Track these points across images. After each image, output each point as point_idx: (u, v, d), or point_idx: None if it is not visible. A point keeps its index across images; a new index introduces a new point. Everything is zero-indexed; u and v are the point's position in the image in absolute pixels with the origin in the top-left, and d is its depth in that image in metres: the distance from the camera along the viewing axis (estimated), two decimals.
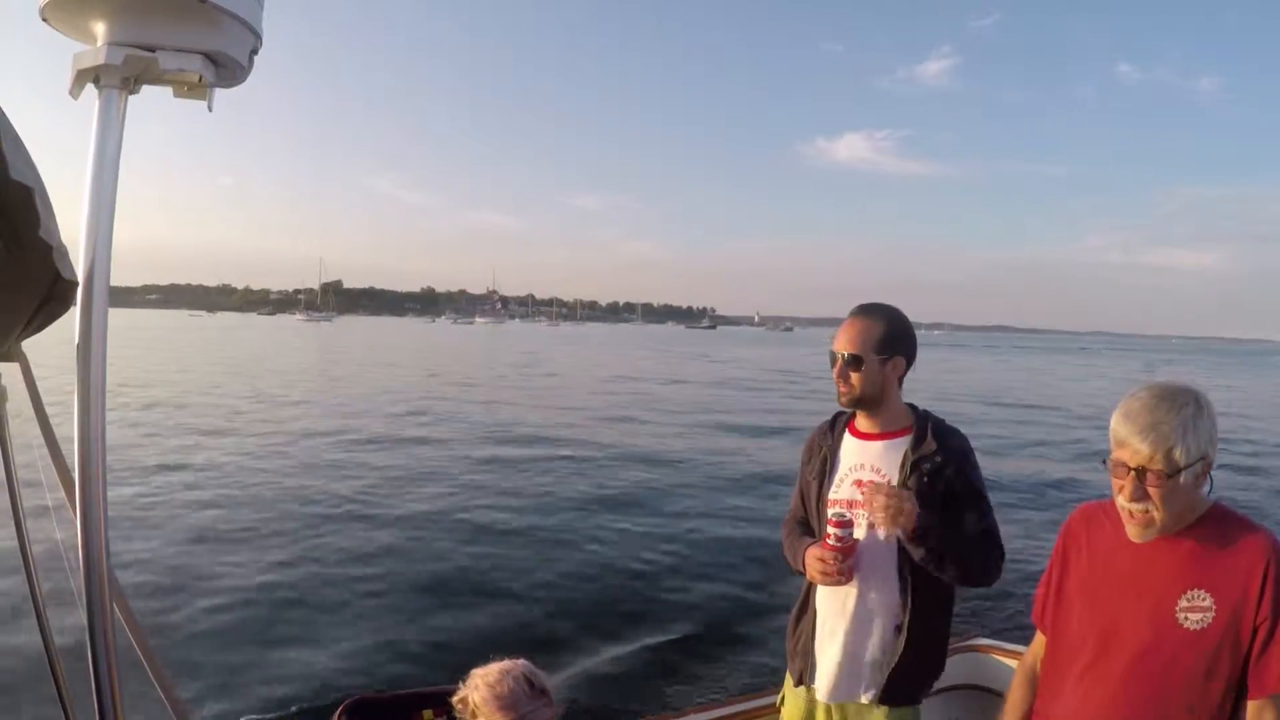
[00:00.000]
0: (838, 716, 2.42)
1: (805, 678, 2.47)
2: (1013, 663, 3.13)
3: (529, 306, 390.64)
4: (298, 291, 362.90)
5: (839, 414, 2.55)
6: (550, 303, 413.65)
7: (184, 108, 1.54)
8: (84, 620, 1.71)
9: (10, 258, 1.31)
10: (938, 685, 2.47)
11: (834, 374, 2.38)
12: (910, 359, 2.42)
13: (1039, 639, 2.03)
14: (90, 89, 1.45)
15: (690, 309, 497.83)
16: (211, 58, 1.45)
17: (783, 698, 2.62)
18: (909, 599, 2.31)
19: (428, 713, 2.16)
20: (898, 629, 2.33)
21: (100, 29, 1.41)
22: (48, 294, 1.48)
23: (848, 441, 2.47)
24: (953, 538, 2.25)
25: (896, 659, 2.31)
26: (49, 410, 2.02)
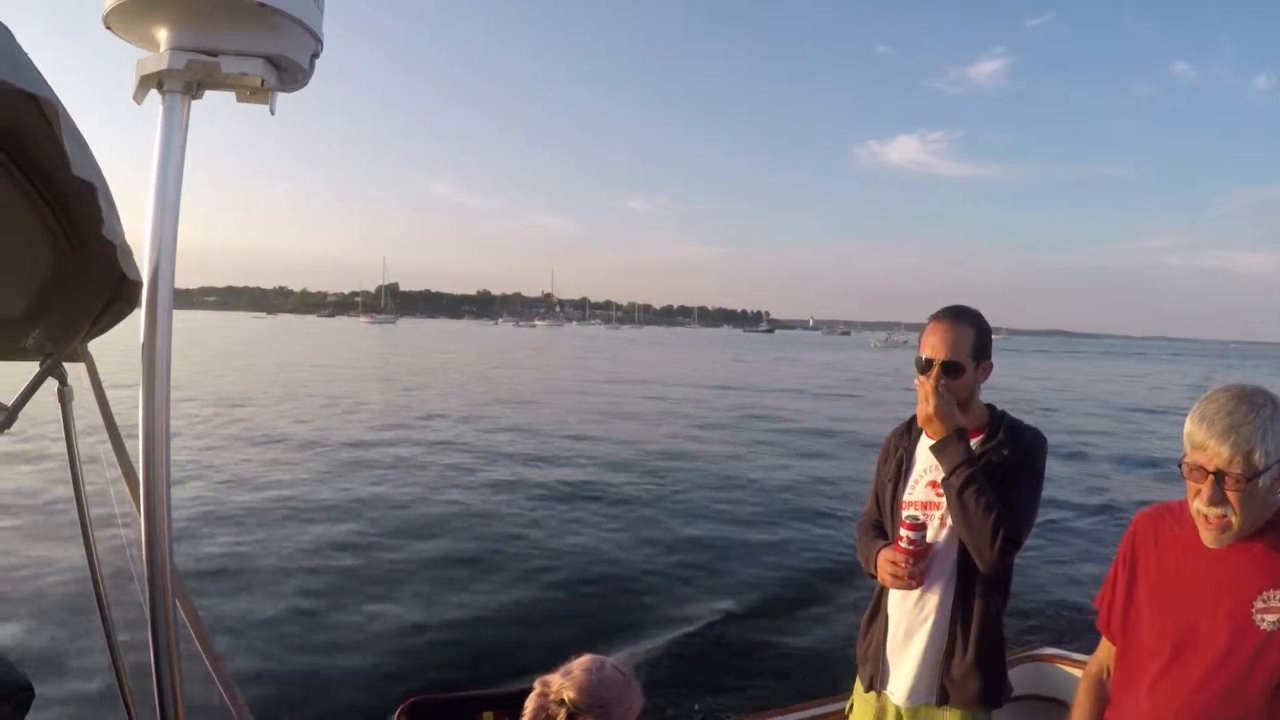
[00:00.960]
0: None
1: (876, 683, 2.45)
2: (1078, 672, 3.10)
3: (584, 310, 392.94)
4: (354, 294, 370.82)
5: (915, 417, 2.50)
6: (605, 305, 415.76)
7: (243, 113, 1.56)
8: (147, 617, 1.75)
9: (75, 257, 1.32)
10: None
11: (927, 380, 2.32)
12: (990, 362, 2.40)
13: (1105, 647, 2.00)
14: (154, 93, 1.48)
15: (745, 312, 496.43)
16: (273, 61, 1.47)
17: (851, 704, 2.60)
18: (972, 601, 2.30)
19: (488, 714, 2.16)
20: (961, 629, 2.31)
21: (163, 34, 1.43)
22: (113, 294, 1.50)
23: (924, 443, 2.44)
24: (979, 479, 2.21)
25: (965, 661, 2.29)
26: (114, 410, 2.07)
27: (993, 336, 2.41)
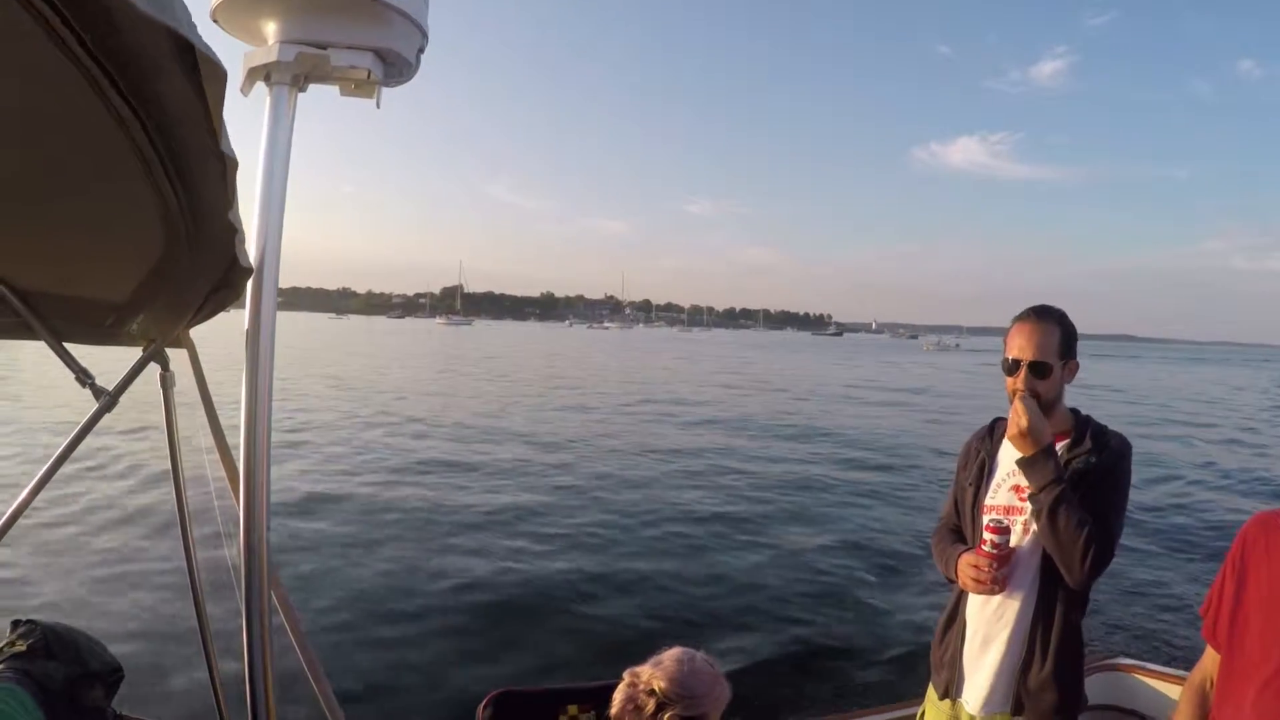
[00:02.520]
0: None
1: (951, 690, 2.41)
2: (1156, 683, 3.05)
3: (647, 311, 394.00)
4: (418, 295, 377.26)
5: (997, 419, 2.48)
6: (666, 307, 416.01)
7: (310, 114, 1.57)
8: (241, 607, 1.76)
9: (190, 242, 1.29)
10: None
11: (1015, 381, 2.29)
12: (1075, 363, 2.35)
13: (1209, 656, 1.92)
14: (260, 86, 1.49)
15: (807, 315, 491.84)
16: (381, 55, 1.48)
17: (923, 711, 2.57)
18: (1053, 609, 2.25)
19: (573, 708, 2.16)
20: (1041, 638, 2.26)
21: (271, 28, 1.45)
22: (221, 280, 1.49)
23: (1007, 447, 2.38)
24: (1070, 496, 2.16)
25: (1043, 672, 2.24)
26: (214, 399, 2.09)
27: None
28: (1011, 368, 2.30)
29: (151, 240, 1.29)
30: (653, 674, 1.75)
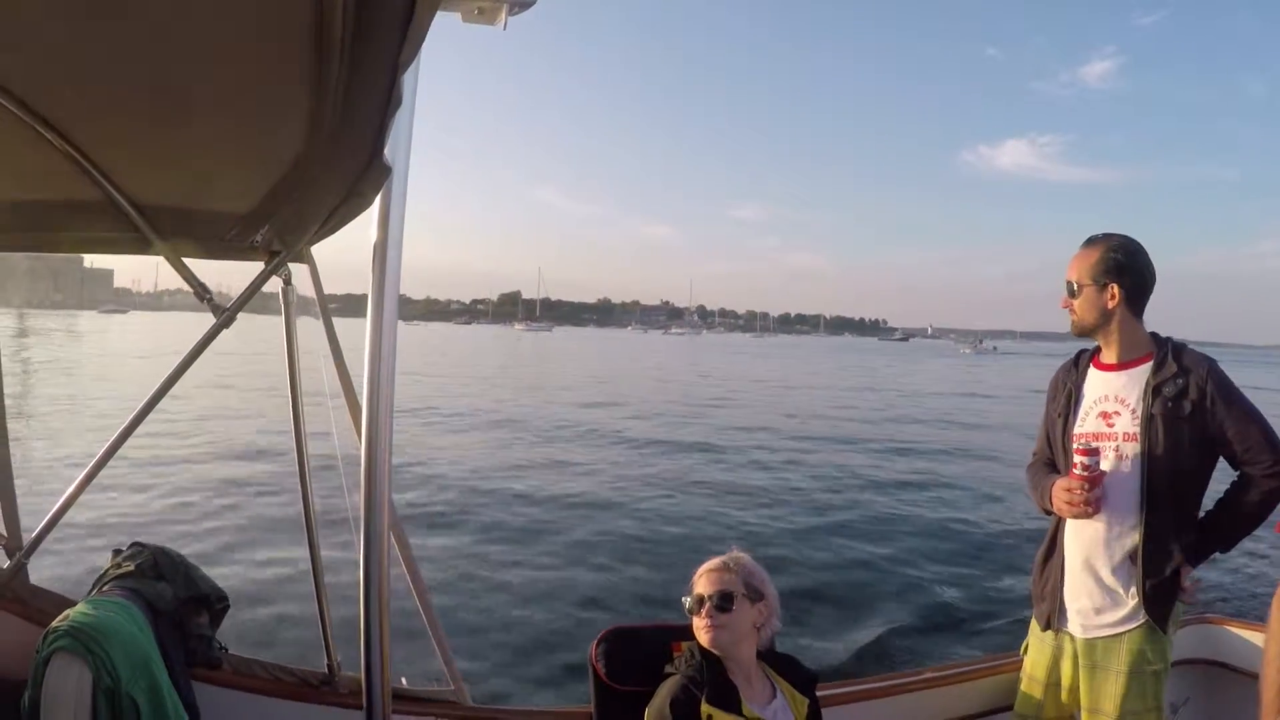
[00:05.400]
0: (1085, 657, 2.39)
1: (1054, 620, 2.48)
2: (1249, 634, 3.03)
3: (702, 316, 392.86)
4: (475, 301, 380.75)
5: (1082, 351, 2.59)
6: (721, 313, 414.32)
7: None
8: (359, 540, 1.72)
9: (340, 131, 1.18)
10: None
11: (1061, 303, 2.47)
12: (1132, 288, 2.40)
13: None
14: None
15: (862, 320, 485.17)
16: None
17: (1026, 645, 2.62)
18: (1145, 529, 2.30)
19: (684, 645, 2.17)
20: (1133, 558, 2.32)
21: None
22: (354, 185, 1.43)
23: (1092, 376, 2.51)
24: (1225, 527, 2.36)
25: (1141, 589, 2.30)
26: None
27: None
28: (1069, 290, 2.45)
29: (290, 136, 1.23)
30: (736, 556, 2.17)
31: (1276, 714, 1.78)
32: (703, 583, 2.09)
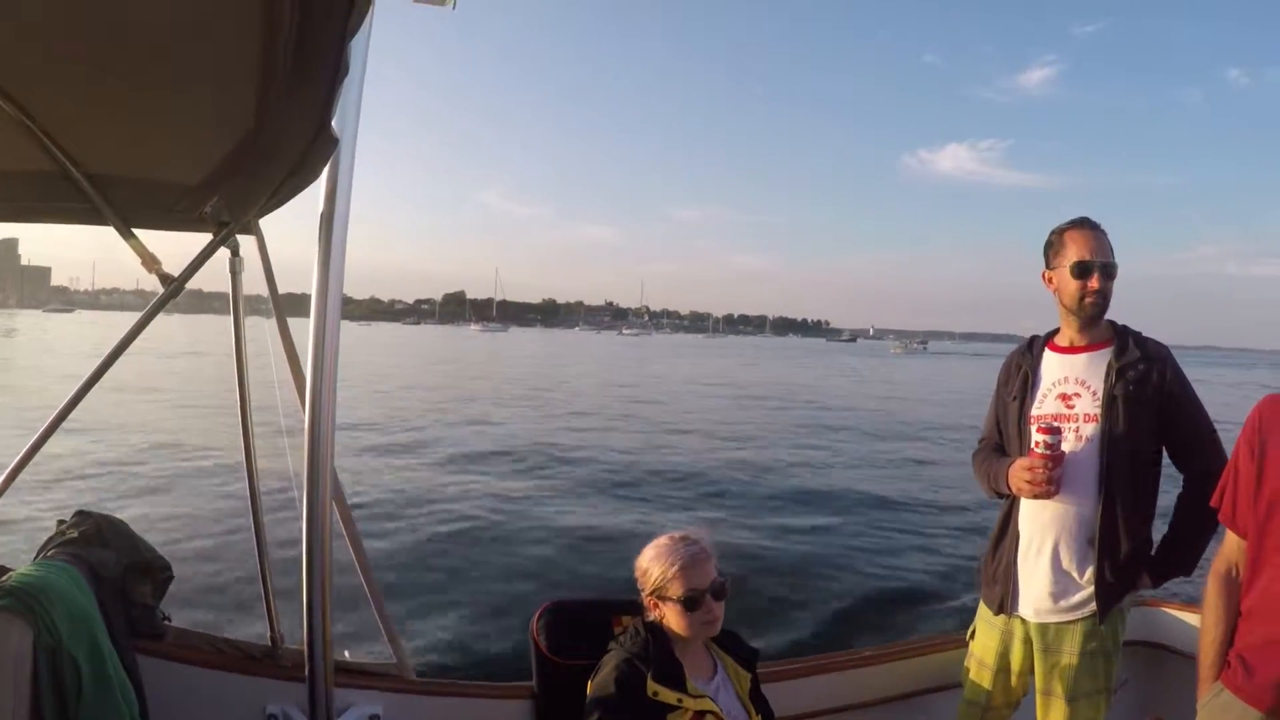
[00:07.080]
0: (1038, 641, 2.37)
1: (1007, 604, 2.42)
2: (1187, 616, 3.04)
3: (648, 316, 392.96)
4: (419, 302, 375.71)
5: (1034, 337, 2.54)
6: (663, 314, 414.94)
7: None
8: (302, 511, 1.75)
9: (290, 96, 1.19)
10: None
11: (1088, 284, 2.33)
12: None
13: (1231, 543, 1.91)
14: None
15: (805, 321, 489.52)
16: None
17: (973, 630, 2.58)
18: (1103, 511, 2.27)
19: (626, 619, 2.20)
20: (1091, 542, 2.29)
21: None
22: (303, 156, 1.43)
23: (1049, 358, 2.46)
24: (1190, 544, 2.32)
25: (1096, 574, 2.28)
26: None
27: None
28: (1083, 270, 2.33)
29: (241, 105, 1.24)
30: (644, 562, 2.10)
31: (1211, 682, 1.85)
32: (697, 575, 2.00)
